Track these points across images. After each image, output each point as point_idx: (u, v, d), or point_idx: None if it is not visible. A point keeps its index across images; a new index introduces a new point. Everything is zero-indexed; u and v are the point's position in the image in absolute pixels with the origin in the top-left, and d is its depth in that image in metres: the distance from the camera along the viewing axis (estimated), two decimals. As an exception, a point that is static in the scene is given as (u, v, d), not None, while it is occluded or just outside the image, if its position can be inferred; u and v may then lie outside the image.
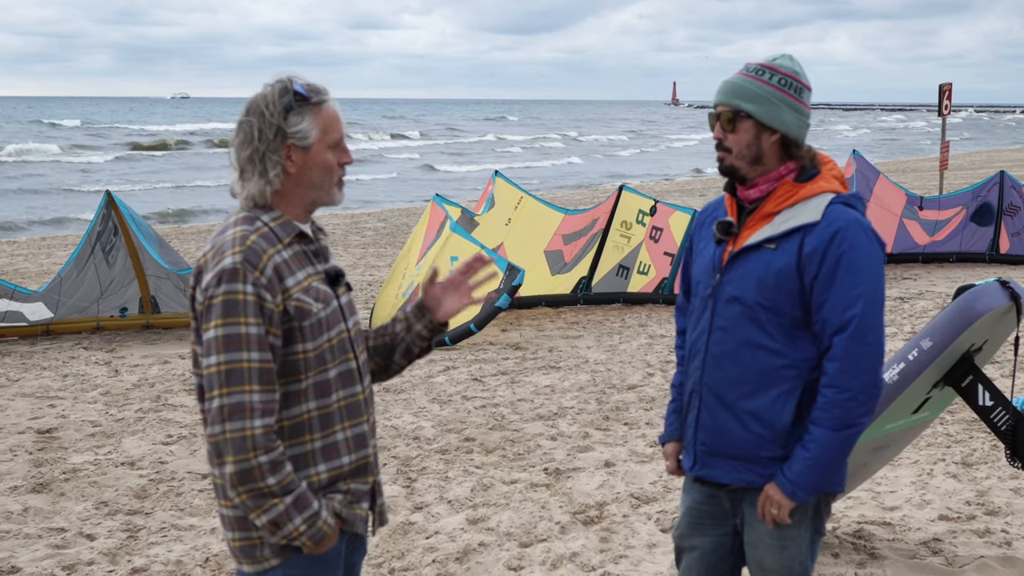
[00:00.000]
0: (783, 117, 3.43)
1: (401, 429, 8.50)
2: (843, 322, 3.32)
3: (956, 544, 6.07)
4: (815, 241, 3.34)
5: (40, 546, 6.23)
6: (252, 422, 2.88)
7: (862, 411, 3.35)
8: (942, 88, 21.55)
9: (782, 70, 3.46)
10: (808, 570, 3.63)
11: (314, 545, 3.01)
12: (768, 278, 3.40)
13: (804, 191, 3.43)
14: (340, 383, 3.10)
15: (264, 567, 3.06)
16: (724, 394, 3.51)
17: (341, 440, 3.10)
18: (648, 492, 7.01)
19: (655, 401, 9.31)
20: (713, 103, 3.52)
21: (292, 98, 2.99)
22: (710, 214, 3.71)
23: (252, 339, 2.88)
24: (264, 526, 2.96)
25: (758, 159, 3.46)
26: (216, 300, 2.89)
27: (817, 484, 3.43)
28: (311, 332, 3.00)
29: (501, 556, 6.03)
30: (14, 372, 10.58)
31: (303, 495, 2.97)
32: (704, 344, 3.57)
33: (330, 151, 3.05)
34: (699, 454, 3.64)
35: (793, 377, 3.42)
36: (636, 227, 13.73)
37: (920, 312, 13.21)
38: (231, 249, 2.92)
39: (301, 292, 2.99)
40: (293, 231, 3.05)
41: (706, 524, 3.73)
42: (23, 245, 21.73)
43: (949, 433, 8.20)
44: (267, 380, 2.91)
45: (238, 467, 2.88)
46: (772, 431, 3.44)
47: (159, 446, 8.14)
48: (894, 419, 5.20)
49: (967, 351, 5.11)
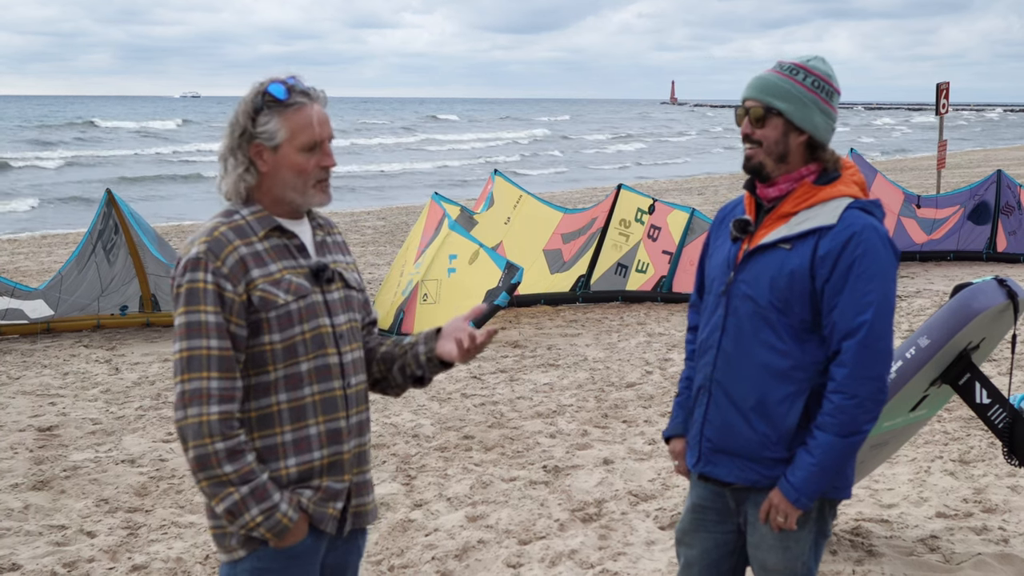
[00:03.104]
0: (813, 119, 3.41)
1: (400, 427, 8.50)
2: (853, 327, 3.29)
3: (953, 541, 6.07)
4: (829, 244, 3.32)
5: (41, 543, 6.22)
6: (209, 408, 2.92)
7: (868, 418, 3.33)
8: (940, 87, 21.54)
9: (816, 72, 3.44)
10: (812, 572, 3.61)
11: (275, 538, 3.02)
12: (781, 278, 3.38)
13: (823, 194, 3.41)
14: (314, 377, 3.10)
15: (233, 557, 3.09)
16: (733, 392, 3.50)
17: (313, 435, 3.09)
18: (647, 489, 7.00)
19: (653, 399, 9.31)
20: (742, 98, 3.49)
21: (262, 99, 3.03)
22: (729, 212, 3.70)
23: (211, 327, 2.94)
24: (222, 514, 2.99)
25: (783, 158, 3.43)
26: (181, 289, 2.98)
27: (821, 489, 3.42)
28: (278, 324, 3.03)
29: (500, 553, 6.02)
30: (15, 370, 10.57)
31: (262, 486, 2.98)
32: (716, 341, 3.55)
33: (301, 153, 3.06)
34: (704, 451, 3.63)
35: (801, 379, 3.40)
36: (635, 226, 13.72)
37: (918, 310, 13.22)
38: (199, 240, 3.01)
39: (269, 283, 3.02)
40: (269, 225, 3.09)
41: (710, 522, 3.72)
42: (24, 243, 21.71)
43: (947, 431, 8.19)
44: (226, 367, 2.95)
45: (195, 452, 2.93)
46: (778, 432, 3.43)
47: (159, 444, 8.13)
48: (892, 417, 5.19)
49: (964, 349, 5.11)
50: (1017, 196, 17.07)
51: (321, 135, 3.08)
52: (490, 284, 11.46)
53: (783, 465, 3.44)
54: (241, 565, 3.09)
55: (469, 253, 11.86)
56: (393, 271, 13.06)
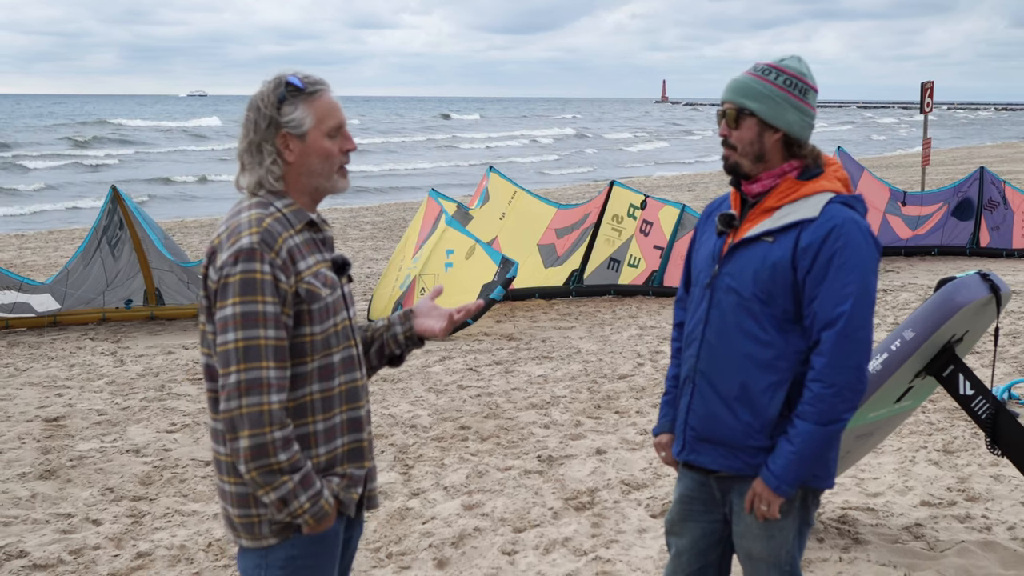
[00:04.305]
0: (786, 116, 3.42)
1: (398, 417, 8.50)
2: (832, 318, 3.30)
3: (938, 529, 6.08)
4: (811, 236, 3.33)
5: (48, 531, 6.21)
6: (269, 397, 2.89)
7: (846, 407, 3.34)
8: (924, 86, 21.54)
9: (788, 71, 3.45)
10: (795, 559, 3.61)
11: (315, 523, 3.02)
12: (764, 270, 3.39)
13: (805, 188, 3.43)
14: (343, 368, 3.12)
15: (263, 545, 3.06)
16: (716, 382, 3.51)
17: (338, 423, 3.11)
18: (638, 479, 7.00)
19: (645, 390, 9.31)
20: (720, 100, 3.52)
21: (285, 89, 3.02)
22: (716, 207, 3.71)
23: (268, 317, 2.90)
24: (272, 503, 2.96)
25: (760, 157, 3.45)
26: (233, 279, 2.90)
27: (802, 477, 3.42)
28: (319, 316, 3.02)
29: (495, 541, 6.02)
30: (22, 362, 10.56)
31: (309, 473, 2.98)
32: (701, 332, 3.56)
33: (328, 138, 3.06)
34: (688, 439, 3.63)
35: (783, 369, 3.40)
36: (627, 221, 13.72)
37: (903, 304, 13.22)
38: (248, 230, 2.94)
39: (311, 276, 3.02)
40: (304, 219, 3.07)
41: (697, 511, 3.73)
42: (31, 239, 21.68)
43: (931, 421, 8.20)
44: (281, 357, 2.93)
45: (253, 441, 2.88)
46: (760, 420, 3.43)
47: (163, 434, 8.13)
48: (877, 408, 5.20)
49: (948, 341, 5.11)
50: (1001, 191, 17.09)
51: (343, 118, 3.10)
52: (486, 278, 11.47)
53: (766, 453, 3.45)
54: (274, 554, 3.06)
55: (466, 248, 11.86)
56: (391, 265, 13.06)
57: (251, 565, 3.11)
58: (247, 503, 3.04)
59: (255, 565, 3.10)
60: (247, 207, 3.03)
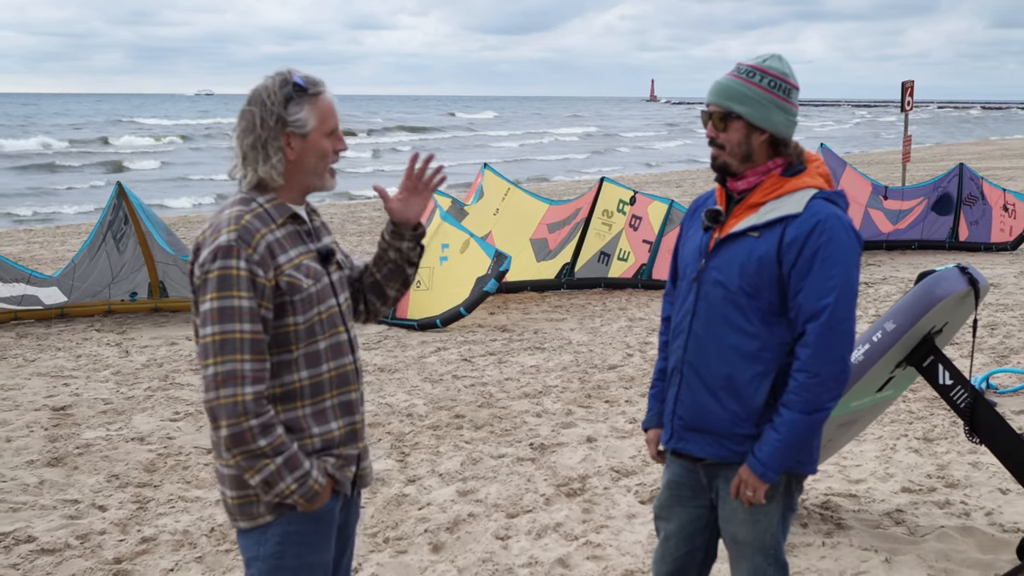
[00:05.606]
0: (772, 118, 3.42)
1: (395, 406, 8.49)
2: (816, 310, 3.30)
3: (918, 515, 6.09)
4: (795, 231, 3.33)
5: (55, 516, 6.21)
6: (243, 389, 2.91)
7: (830, 396, 3.34)
8: (904, 85, 21.54)
9: (771, 72, 3.44)
10: (780, 543, 3.62)
11: (307, 503, 3.05)
12: (750, 264, 3.39)
13: (789, 185, 3.42)
14: (331, 354, 3.14)
15: (259, 523, 3.09)
16: (704, 372, 3.51)
17: (329, 407, 3.13)
18: (628, 466, 7.01)
19: (634, 380, 9.31)
20: (706, 102, 3.51)
21: (292, 89, 3.02)
22: (702, 203, 3.71)
23: (245, 312, 2.92)
24: (258, 485, 2.99)
25: (748, 156, 3.45)
26: (212, 275, 2.92)
27: (786, 464, 3.42)
28: (302, 306, 3.04)
29: (489, 526, 6.02)
30: (31, 353, 10.54)
31: (294, 456, 3.00)
32: (688, 325, 3.56)
33: (326, 139, 3.08)
34: (676, 428, 3.64)
35: (769, 360, 3.41)
36: (617, 216, 13.72)
37: (884, 296, 13.23)
38: (226, 228, 2.96)
39: (292, 269, 3.03)
40: (286, 212, 3.09)
41: (684, 497, 3.73)
42: (39, 233, 21.63)
43: (911, 410, 8.21)
44: (258, 350, 2.95)
45: (231, 431, 2.91)
46: (746, 409, 3.44)
47: (167, 422, 8.12)
48: (859, 397, 5.20)
49: (928, 333, 5.11)
50: (979, 187, 17.10)
51: (338, 120, 3.12)
52: (480, 271, 11.46)
53: (751, 441, 3.45)
54: (271, 530, 3.09)
55: (460, 242, 11.85)
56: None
57: (250, 543, 3.14)
58: (242, 484, 3.07)
59: (255, 543, 3.13)
60: (229, 204, 3.06)
